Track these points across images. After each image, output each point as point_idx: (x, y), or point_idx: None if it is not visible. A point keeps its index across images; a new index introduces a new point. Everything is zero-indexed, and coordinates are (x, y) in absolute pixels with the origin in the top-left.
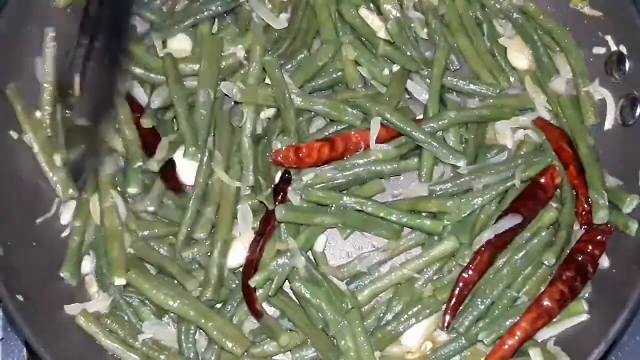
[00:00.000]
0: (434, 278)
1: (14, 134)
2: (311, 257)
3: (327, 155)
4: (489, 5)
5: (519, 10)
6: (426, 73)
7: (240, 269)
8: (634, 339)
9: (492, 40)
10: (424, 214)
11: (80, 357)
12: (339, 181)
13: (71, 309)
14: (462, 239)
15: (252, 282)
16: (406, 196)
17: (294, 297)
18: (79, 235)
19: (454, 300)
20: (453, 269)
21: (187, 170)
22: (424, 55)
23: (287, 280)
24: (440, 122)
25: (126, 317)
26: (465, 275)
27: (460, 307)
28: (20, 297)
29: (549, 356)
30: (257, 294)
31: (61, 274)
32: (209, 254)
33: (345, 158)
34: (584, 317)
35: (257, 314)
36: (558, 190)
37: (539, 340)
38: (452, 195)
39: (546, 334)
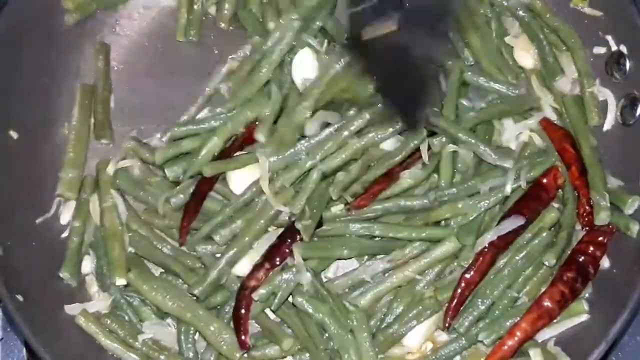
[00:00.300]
0: (435, 280)
1: (14, 134)
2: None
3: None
4: (497, 2)
5: (525, 8)
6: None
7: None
8: (635, 339)
9: (500, 38)
10: (430, 224)
11: (80, 357)
12: (367, 215)
13: (71, 309)
14: (468, 242)
15: (255, 296)
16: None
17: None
18: (78, 235)
19: (455, 301)
20: (454, 270)
21: (239, 179)
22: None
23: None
24: (463, 124)
25: (126, 317)
26: (467, 276)
27: (461, 308)
28: (20, 297)
29: (549, 356)
30: (255, 304)
31: (61, 275)
32: (218, 255)
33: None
34: (585, 317)
35: (244, 345)
36: (560, 191)
37: (539, 341)
38: (457, 199)
39: (546, 334)
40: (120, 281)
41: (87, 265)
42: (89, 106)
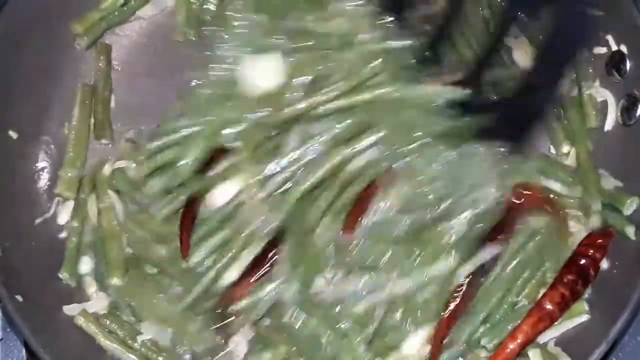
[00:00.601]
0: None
1: (13, 134)
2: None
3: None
4: (495, 3)
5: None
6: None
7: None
8: (635, 339)
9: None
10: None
11: (80, 358)
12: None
13: (70, 309)
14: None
15: (235, 308)
16: None
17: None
18: (77, 235)
19: (448, 314)
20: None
21: (222, 191)
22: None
23: None
24: None
25: (125, 318)
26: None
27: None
28: (19, 298)
29: (550, 357)
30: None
31: (60, 275)
32: (205, 265)
33: None
34: (585, 317)
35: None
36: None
37: (540, 342)
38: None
39: (547, 335)
40: (118, 282)
41: (86, 265)
42: (89, 106)
